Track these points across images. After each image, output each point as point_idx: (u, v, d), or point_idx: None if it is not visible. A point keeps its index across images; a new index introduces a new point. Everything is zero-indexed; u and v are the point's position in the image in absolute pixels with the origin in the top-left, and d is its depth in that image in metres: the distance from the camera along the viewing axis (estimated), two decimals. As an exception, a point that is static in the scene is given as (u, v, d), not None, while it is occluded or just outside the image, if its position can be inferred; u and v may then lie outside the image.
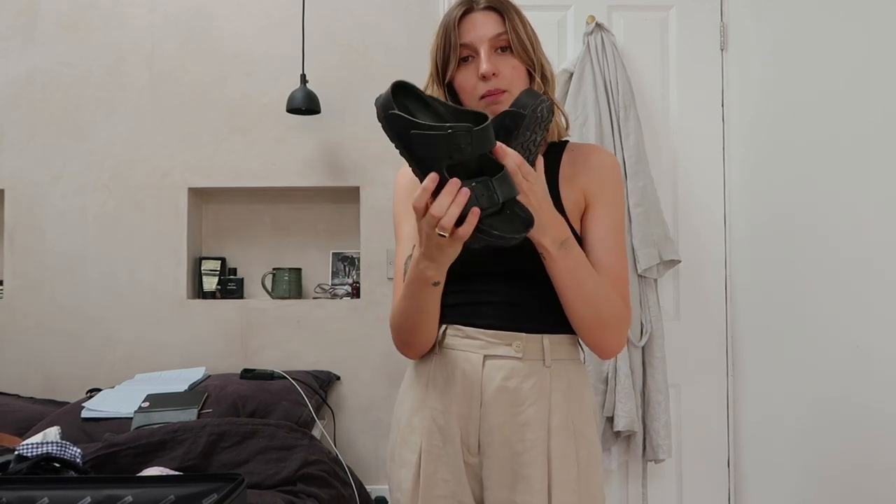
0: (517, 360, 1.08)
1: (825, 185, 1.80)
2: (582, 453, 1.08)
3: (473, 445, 1.09)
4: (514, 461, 1.06)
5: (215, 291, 2.54)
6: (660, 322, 2.22)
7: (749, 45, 2.23)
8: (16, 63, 2.50)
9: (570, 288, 1.03)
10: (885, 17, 1.59)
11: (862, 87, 1.66)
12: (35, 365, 2.46)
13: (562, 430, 1.07)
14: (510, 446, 1.07)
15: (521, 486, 1.05)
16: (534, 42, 1.11)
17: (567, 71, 2.27)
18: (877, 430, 1.60)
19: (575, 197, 1.12)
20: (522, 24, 1.11)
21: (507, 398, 1.07)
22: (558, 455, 1.06)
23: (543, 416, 1.07)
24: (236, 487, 1.13)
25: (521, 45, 1.09)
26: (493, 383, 1.07)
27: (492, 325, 1.09)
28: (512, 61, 1.09)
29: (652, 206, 2.21)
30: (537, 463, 1.05)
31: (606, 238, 1.10)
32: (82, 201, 2.49)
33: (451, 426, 1.09)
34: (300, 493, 1.67)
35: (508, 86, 1.08)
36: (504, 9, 1.10)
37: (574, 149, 1.17)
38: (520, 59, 1.10)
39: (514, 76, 1.09)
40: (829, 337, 1.77)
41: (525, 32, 1.10)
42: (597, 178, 1.12)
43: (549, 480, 1.05)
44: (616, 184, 1.14)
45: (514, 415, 1.07)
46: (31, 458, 1.42)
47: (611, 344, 1.09)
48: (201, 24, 2.51)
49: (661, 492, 2.32)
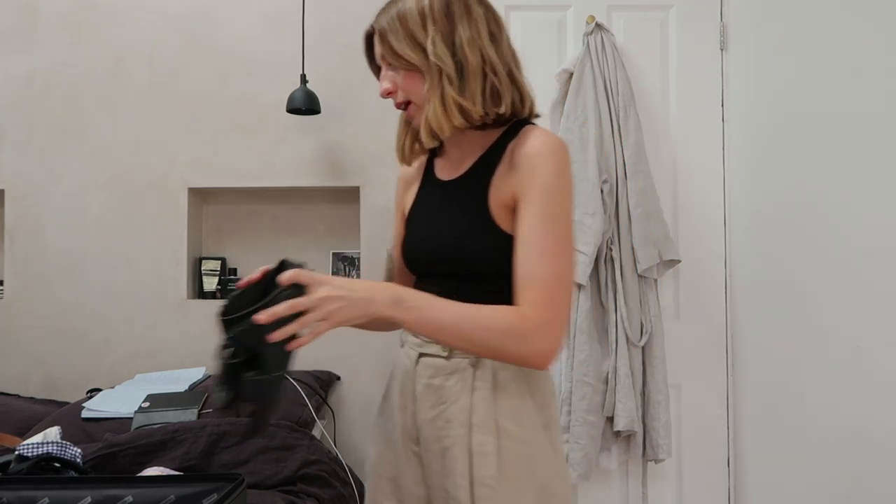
0: (443, 359, 1.12)
1: (825, 185, 1.80)
2: (506, 450, 1.07)
3: (414, 436, 1.15)
4: (444, 454, 1.10)
5: (215, 291, 2.54)
6: (660, 322, 2.22)
7: (749, 45, 2.23)
8: (16, 63, 2.51)
9: (435, 333, 1.02)
10: (885, 17, 1.59)
11: (862, 86, 1.66)
12: (35, 365, 2.46)
13: (482, 427, 1.08)
14: (437, 441, 1.11)
15: (451, 479, 1.09)
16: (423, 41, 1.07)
17: (567, 71, 2.27)
18: (877, 431, 1.60)
19: (502, 197, 1.08)
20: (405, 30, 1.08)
21: (433, 395, 1.12)
22: (478, 452, 1.08)
23: (465, 413, 1.09)
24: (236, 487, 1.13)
25: (397, 59, 1.09)
26: (422, 380, 1.13)
27: None
28: (401, 74, 1.10)
29: (652, 206, 2.21)
30: (460, 458, 1.08)
31: (527, 240, 1.04)
32: (82, 201, 2.49)
33: (395, 416, 1.18)
34: (300, 493, 1.67)
35: (407, 97, 1.11)
36: (379, 29, 1.12)
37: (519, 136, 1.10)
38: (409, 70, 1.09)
39: (407, 87, 1.10)
40: (830, 337, 1.77)
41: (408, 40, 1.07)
42: (522, 175, 1.06)
43: (470, 476, 1.08)
44: (546, 173, 1.05)
45: (440, 411, 1.11)
46: (32, 458, 1.42)
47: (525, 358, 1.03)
48: (201, 24, 2.51)
49: (661, 492, 2.32)
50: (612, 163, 2.20)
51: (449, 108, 1.06)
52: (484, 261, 1.09)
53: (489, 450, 1.07)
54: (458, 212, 1.12)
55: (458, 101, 1.06)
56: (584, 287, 2.15)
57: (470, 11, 1.09)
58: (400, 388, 1.18)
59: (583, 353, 2.13)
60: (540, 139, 1.07)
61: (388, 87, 1.11)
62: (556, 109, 2.29)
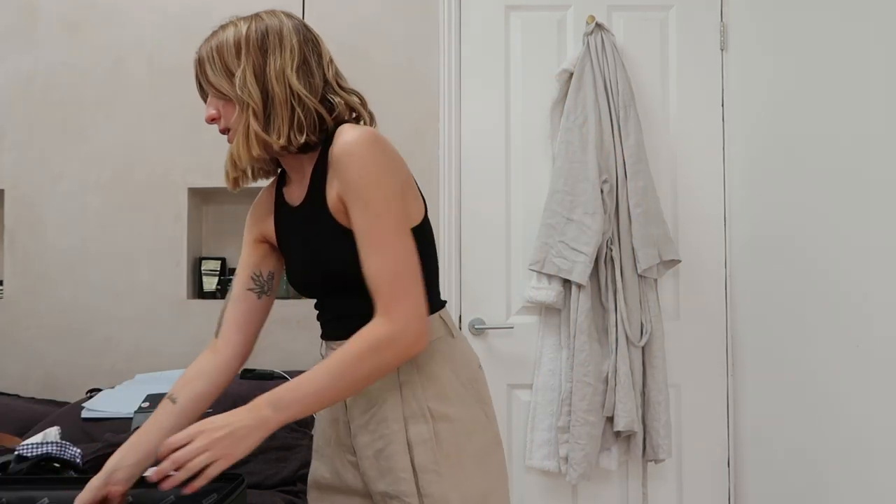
0: None
1: (826, 185, 1.80)
2: (443, 434, 1.12)
3: (349, 445, 1.18)
4: (378, 457, 1.13)
5: (215, 292, 2.54)
6: (660, 322, 2.22)
7: (749, 45, 2.23)
8: (16, 63, 2.50)
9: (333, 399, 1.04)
10: (885, 17, 1.58)
11: (862, 86, 1.66)
12: (35, 365, 2.46)
13: (417, 417, 1.12)
14: (372, 444, 1.14)
15: (389, 478, 1.11)
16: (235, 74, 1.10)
17: (567, 71, 2.27)
18: (877, 431, 1.60)
19: (335, 202, 1.10)
20: (221, 61, 1.12)
21: (363, 401, 1.15)
22: (417, 441, 1.11)
23: (397, 409, 1.12)
24: (236, 487, 1.13)
25: (213, 90, 1.13)
26: None
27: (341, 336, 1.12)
28: (220, 104, 1.14)
29: (652, 206, 2.21)
30: (399, 454, 1.11)
31: (361, 240, 1.06)
32: (82, 201, 2.49)
33: (327, 431, 1.22)
34: (300, 493, 1.67)
35: (226, 125, 1.14)
36: (198, 57, 1.17)
37: (334, 139, 1.10)
38: (225, 100, 1.12)
39: (227, 116, 1.13)
40: (830, 337, 1.77)
41: (222, 71, 1.12)
42: (340, 176, 1.07)
43: (412, 467, 1.10)
44: (356, 168, 1.05)
45: (372, 415, 1.14)
46: (31, 459, 1.42)
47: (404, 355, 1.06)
48: (202, 24, 2.50)
49: (661, 492, 2.32)
50: (612, 163, 2.20)
51: (250, 139, 1.09)
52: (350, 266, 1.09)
53: (426, 437, 1.11)
54: (315, 231, 1.14)
55: (259, 134, 1.09)
56: (584, 287, 2.15)
57: (282, 42, 1.12)
58: None
59: (583, 353, 2.13)
60: (345, 136, 1.07)
61: (212, 114, 1.14)
62: (556, 109, 2.29)
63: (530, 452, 2.22)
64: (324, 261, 1.14)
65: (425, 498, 1.09)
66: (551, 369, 2.23)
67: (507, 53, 2.37)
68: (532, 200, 2.31)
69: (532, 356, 2.29)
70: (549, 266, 2.17)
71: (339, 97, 1.14)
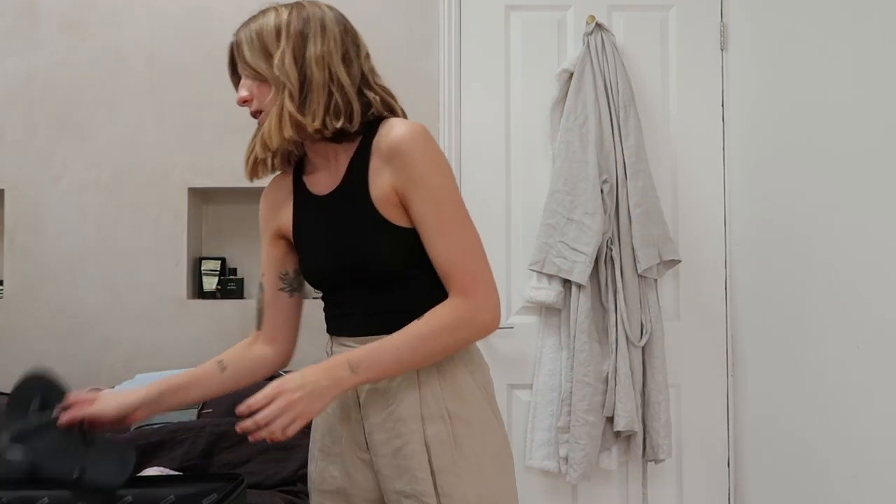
0: None
1: (825, 185, 1.80)
2: (461, 435, 1.12)
3: (362, 443, 1.16)
4: (395, 455, 1.12)
5: (215, 291, 2.54)
6: (660, 322, 2.22)
7: (749, 45, 2.23)
8: (16, 63, 2.50)
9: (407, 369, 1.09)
10: (885, 17, 1.58)
11: (863, 86, 1.66)
12: (35, 365, 2.46)
13: (435, 418, 1.11)
14: (389, 442, 1.12)
15: (407, 476, 1.11)
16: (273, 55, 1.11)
17: (567, 71, 2.27)
18: (877, 431, 1.59)
19: (384, 194, 1.11)
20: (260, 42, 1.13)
21: (379, 398, 1.13)
22: (435, 442, 1.10)
23: (415, 408, 1.12)
24: (236, 487, 1.13)
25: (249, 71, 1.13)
26: (366, 386, 1.13)
27: (358, 332, 1.15)
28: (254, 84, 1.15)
29: (652, 206, 2.21)
30: (417, 454, 1.10)
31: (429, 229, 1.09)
32: (82, 201, 2.49)
33: (337, 428, 1.19)
34: (300, 493, 1.67)
35: (259, 106, 1.14)
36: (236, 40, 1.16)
37: (379, 132, 1.13)
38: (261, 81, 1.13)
39: (260, 97, 1.14)
40: (830, 337, 1.77)
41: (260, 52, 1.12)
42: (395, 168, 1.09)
43: (430, 467, 1.10)
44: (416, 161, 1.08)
45: (389, 413, 1.13)
46: (31, 458, 1.41)
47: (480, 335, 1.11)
48: (201, 24, 2.51)
49: (662, 492, 2.32)
50: (612, 163, 2.20)
51: (283, 120, 1.10)
52: (388, 261, 1.11)
53: (444, 438, 1.11)
54: (351, 221, 1.14)
55: (293, 115, 1.09)
56: (584, 287, 2.15)
57: (324, 30, 1.14)
58: (340, 400, 1.17)
59: (583, 353, 2.13)
60: (398, 128, 1.10)
61: (245, 95, 1.15)
62: (556, 109, 2.29)
63: (530, 452, 2.22)
64: (358, 253, 1.12)
65: (443, 498, 1.09)
66: (551, 369, 2.23)
67: (507, 53, 2.37)
68: (532, 200, 2.31)
69: (532, 356, 2.28)
70: (549, 266, 2.17)
71: (374, 92, 1.16)
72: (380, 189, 1.10)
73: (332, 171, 1.18)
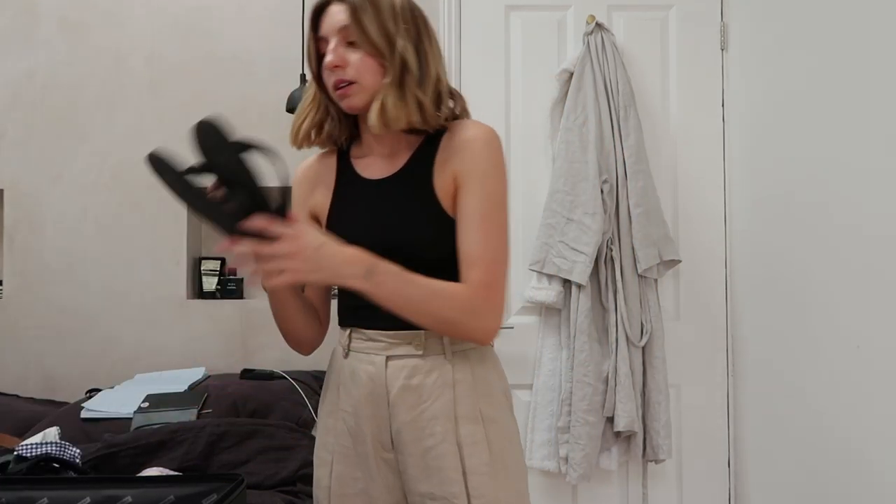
0: (418, 358, 1.11)
1: (826, 185, 1.80)
2: (492, 436, 1.11)
3: (387, 443, 1.13)
4: (425, 455, 1.09)
5: (215, 291, 2.54)
6: (660, 322, 2.22)
7: (749, 45, 2.23)
8: (16, 63, 2.50)
9: (402, 307, 1.04)
10: (885, 17, 1.58)
11: (862, 86, 1.66)
12: (35, 365, 2.46)
13: (469, 418, 1.10)
14: (420, 441, 1.10)
15: (437, 477, 1.09)
16: (392, 31, 1.08)
17: (567, 71, 2.27)
18: (877, 431, 1.59)
19: (445, 183, 1.12)
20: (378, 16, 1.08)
21: (412, 396, 1.11)
22: (468, 443, 1.09)
23: (449, 407, 1.10)
24: (236, 487, 1.13)
25: (367, 38, 1.08)
26: (397, 383, 1.11)
27: (391, 326, 1.11)
28: (359, 53, 1.09)
29: (652, 206, 2.21)
30: (449, 454, 1.08)
31: (473, 221, 1.09)
32: (82, 201, 2.49)
33: (361, 427, 1.14)
34: (300, 494, 1.67)
35: (355, 77, 1.09)
36: (352, 4, 1.09)
37: (450, 129, 1.15)
38: (367, 52, 1.09)
39: (361, 68, 1.09)
40: (830, 337, 1.77)
41: (377, 22, 1.08)
42: (463, 158, 1.11)
43: (462, 468, 1.08)
44: (485, 159, 1.11)
45: (421, 411, 1.10)
46: (31, 459, 1.42)
47: (471, 335, 1.10)
48: (201, 24, 2.51)
49: (662, 492, 2.31)
50: (612, 163, 2.20)
51: (409, 102, 1.09)
52: (438, 247, 1.11)
53: (478, 439, 1.10)
54: (404, 205, 1.13)
55: (419, 98, 1.09)
56: (584, 287, 2.15)
57: (429, 30, 1.15)
58: (366, 397, 1.13)
59: (583, 354, 2.13)
60: (476, 127, 1.13)
61: (337, 62, 1.09)
62: (556, 109, 2.29)
63: (530, 453, 2.22)
64: (409, 236, 1.11)
65: (474, 500, 1.08)
66: (551, 369, 2.22)
67: (507, 53, 2.37)
68: (532, 200, 2.31)
69: (532, 356, 2.28)
70: (549, 266, 2.17)
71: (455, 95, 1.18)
72: (443, 179, 1.11)
73: (391, 158, 1.17)
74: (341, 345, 1.20)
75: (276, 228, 0.95)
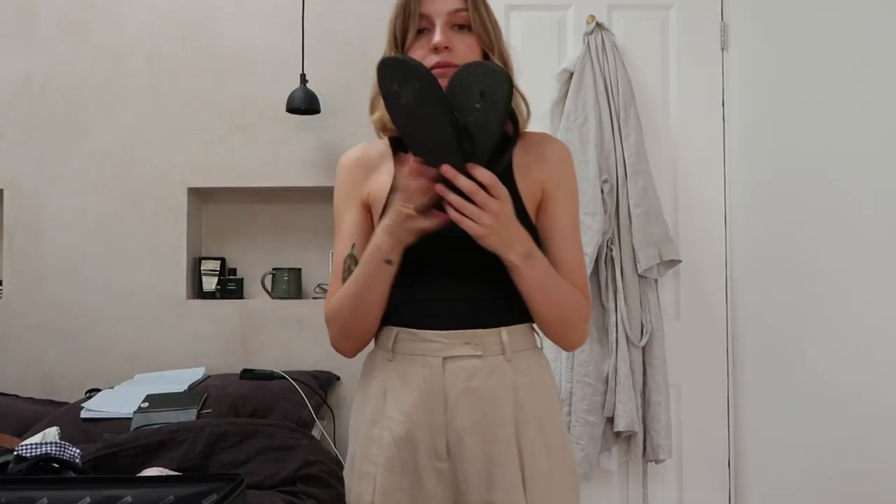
0: (477, 359, 1.05)
1: (825, 185, 1.79)
2: (550, 442, 1.08)
3: (442, 451, 1.06)
4: (487, 462, 1.04)
5: (215, 291, 2.54)
6: (660, 322, 2.22)
7: (749, 45, 2.23)
8: (16, 63, 2.50)
9: (537, 294, 1.04)
10: (884, 17, 1.58)
11: (862, 86, 1.66)
12: (34, 365, 2.46)
13: (529, 424, 1.06)
14: (482, 448, 1.04)
15: (498, 486, 1.04)
16: (496, 28, 1.11)
17: (567, 71, 2.26)
18: (877, 431, 1.59)
19: (532, 190, 1.11)
20: (486, 7, 1.11)
21: (473, 400, 1.05)
22: (529, 450, 1.05)
23: (511, 412, 1.06)
24: (236, 487, 1.13)
25: (481, 24, 1.08)
26: (457, 386, 1.05)
27: (446, 325, 1.06)
28: (468, 39, 1.08)
29: (652, 206, 2.21)
30: (510, 461, 1.04)
31: (566, 232, 1.11)
32: (82, 201, 2.49)
33: (413, 436, 1.06)
34: (300, 494, 1.66)
35: (460, 61, 1.05)
36: None
37: (525, 136, 1.15)
38: (477, 38, 1.09)
39: (467, 54, 1.07)
40: (830, 337, 1.77)
41: (488, 16, 1.10)
42: (554, 170, 1.12)
43: (522, 476, 1.04)
44: (572, 175, 1.15)
45: (483, 415, 1.05)
46: (31, 459, 1.42)
47: (573, 340, 1.12)
48: (201, 24, 2.51)
49: (662, 492, 2.31)
50: (613, 163, 2.20)
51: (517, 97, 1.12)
52: None
53: (538, 446, 1.06)
54: None
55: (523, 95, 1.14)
56: (584, 287, 2.15)
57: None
58: (421, 402, 1.06)
59: (583, 353, 2.13)
60: (555, 140, 1.18)
61: (447, 42, 1.06)
62: (556, 109, 2.29)
63: (530, 453, 2.22)
64: None
65: None
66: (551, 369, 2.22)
67: (507, 53, 2.37)
68: (532, 200, 2.31)
69: (532, 356, 2.28)
70: (549, 266, 2.17)
71: None
72: (528, 185, 1.10)
73: None
74: (383, 348, 1.12)
75: (500, 187, 0.94)
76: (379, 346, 1.14)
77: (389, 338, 1.10)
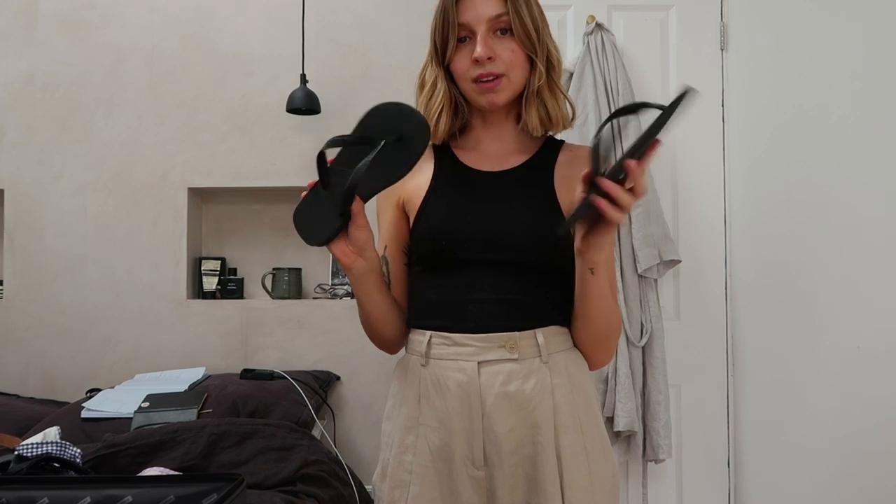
0: (513, 362, 1.03)
1: (825, 185, 1.80)
2: (589, 446, 1.05)
3: (479, 459, 1.03)
4: (526, 467, 1.02)
5: (215, 291, 2.54)
6: (660, 322, 2.22)
7: (749, 45, 2.23)
8: (16, 63, 2.50)
9: (600, 301, 1.03)
10: (884, 17, 1.58)
11: (862, 86, 1.66)
12: (35, 365, 2.46)
13: (568, 427, 1.03)
14: (520, 452, 1.02)
15: (534, 492, 1.02)
16: (540, 26, 1.06)
17: (567, 71, 2.27)
18: (877, 431, 1.59)
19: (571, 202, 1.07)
20: (528, 4, 1.05)
21: (511, 404, 1.02)
22: (568, 454, 1.02)
23: (549, 415, 1.02)
24: (236, 487, 1.13)
25: (523, 28, 1.04)
26: (493, 391, 1.02)
27: (481, 328, 1.03)
28: (511, 45, 1.05)
29: (652, 206, 2.21)
30: (549, 466, 1.01)
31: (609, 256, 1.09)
32: (82, 201, 2.49)
33: (448, 443, 1.04)
34: (300, 493, 1.67)
35: (505, 70, 1.04)
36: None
37: (572, 150, 1.14)
38: (520, 43, 1.05)
39: (512, 61, 1.05)
40: (830, 337, 1.77)
41: (530, 15, 1.05)
42: None
43: (560, 481, 1.01)
44: None
45: (520, 420, 1.02)
46: (31, 459, 1.42)
47: (604, 357, 1.11)
48: (201, 24, 2.51)
49: (662, 492, 2.31)
50: (612, 163, 2.20)
51: (562, 105, 1.10)
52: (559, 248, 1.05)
53: (577, 450, 1.03)
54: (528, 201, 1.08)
55: (569, 100, 1.11)
56: (584, 287, 2.15)
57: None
58: (457, 408, 1.03)
59: (583, 353, 2.13)
60: None
61: (490, 53, 1.03)
62: (556, 109, 2.29)
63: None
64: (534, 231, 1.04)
65: None
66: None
67: (507, 53, 2.37)
68: (532, 200, 2.31)
69: (532, 356, 2.28)
70: (549, 266, 2.17)
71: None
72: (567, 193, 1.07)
73: (501, 155, 1.12)
74: (416, 352, 1.09)
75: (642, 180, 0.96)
76: (411, 351, 1.12)
77: (421, 342, 1.08)
